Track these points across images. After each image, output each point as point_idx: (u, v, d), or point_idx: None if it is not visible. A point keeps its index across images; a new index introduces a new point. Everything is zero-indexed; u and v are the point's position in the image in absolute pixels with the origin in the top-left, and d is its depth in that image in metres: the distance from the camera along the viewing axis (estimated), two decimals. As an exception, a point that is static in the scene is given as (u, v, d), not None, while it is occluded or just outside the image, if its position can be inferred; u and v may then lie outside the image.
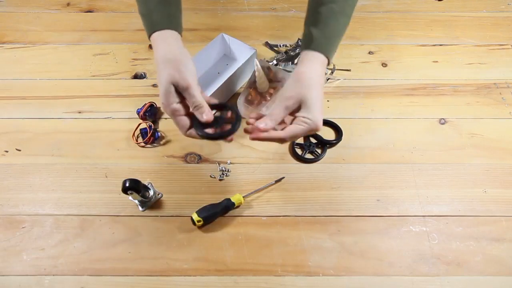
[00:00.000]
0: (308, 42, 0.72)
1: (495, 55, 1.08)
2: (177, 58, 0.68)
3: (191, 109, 0.69)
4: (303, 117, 0.68)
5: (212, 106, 0.70)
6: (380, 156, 0.91)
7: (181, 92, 0.68)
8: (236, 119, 0.69)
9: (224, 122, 0.70)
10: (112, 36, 1.13)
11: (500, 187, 0.86)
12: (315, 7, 0.74)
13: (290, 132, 0.68)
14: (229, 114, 0.71)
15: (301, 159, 0.89)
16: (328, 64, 0.73)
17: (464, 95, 1.00)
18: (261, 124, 0.68)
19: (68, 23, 1.16)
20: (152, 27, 0.70)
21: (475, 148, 0.91)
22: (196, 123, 0.69)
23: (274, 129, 0.70)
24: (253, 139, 0.69)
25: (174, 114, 0.69)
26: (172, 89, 0.67)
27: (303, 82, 0.69)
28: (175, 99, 0.68)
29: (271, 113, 0.69)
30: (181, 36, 0.72)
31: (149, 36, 0.71)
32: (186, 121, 0.69)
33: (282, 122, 0.71)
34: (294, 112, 0.70)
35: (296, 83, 0.69)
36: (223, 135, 0.68)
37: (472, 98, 1.00)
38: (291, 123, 0.70)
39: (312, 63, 0.71)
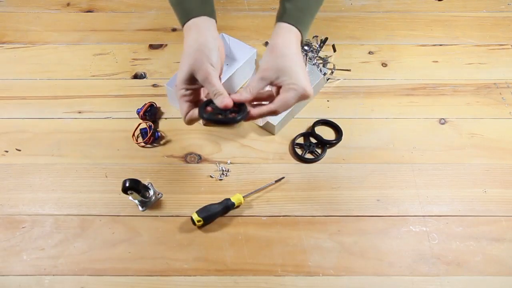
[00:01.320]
0: (280, 15, 0.72)
1: (495, 55, 1.08)
2: (201, 48, 0.67)
3: (212, 97, 0.67)
4: (287, 84, 0.67)
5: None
6: (380, 156, 0.91)
7: (200, 81, 0.68)
8: (242, 109, 0.68)
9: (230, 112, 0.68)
10: (112, 36, 1.13)
11: (500, 187, 0.86)
12: None
13: (280, 101, 0.67)
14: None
15: (301, 159, 0.89)
16: (302, 41, 0.72)
17: (464, 95, 1.00)
18: (235, 96, 0.67)
19: (68, 23, 1.16)
20: (186, 15, 0.70)
21: (475, 148, 0.91)
22: (201, 109, 0.68)
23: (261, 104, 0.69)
24: (246, 119, 0.68)
25: (181, 98, 0.69)
26: (188, 76, 0.67)
27: (277, 52, 0.68)
28: (186, 85, 0.68)
29: (247, 85, 0.68)
30: (216, 20, 0.71)
31: (183, 25, 0.70)
32: (187, 106, 0.69)
33: (261, 99, 0.70)
34: (272, 83, 0.68)
35: (270, 54, 0.68)
36: (227, 121, 0.67)
37: (472, 98, 1.00)
38: (278, 93, 0.69)
39: (285, 35, 0.70)
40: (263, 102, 0.71)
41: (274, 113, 0.69)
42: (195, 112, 0.69)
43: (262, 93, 0.70)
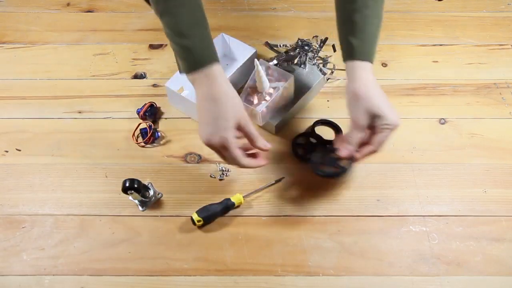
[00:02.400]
0: (349, 52, 0.76)
1: (495, 55, 1.08)
2: (234, 94, 0.72)
3: (251, 142, 0.74)
4: (382, 125, 0.73)
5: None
6: (380, 156, 0.90)
7: (241, 128, 0.72)
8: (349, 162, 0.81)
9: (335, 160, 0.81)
10: (112, 36, 1.13)
11: (500, 187, 0.86)
12: (348, 15, 0.76)
13: (378, 142, 0.75)
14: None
15: (302, 159, 0.88)
16: (372, 65, 0.77)
17: (464, 95, 1.00)
18: (343, 152, 0.76)
19: (68, 23, 1.16)
20: (198, 63, 0.71)
21: (475, 148, 0.91)
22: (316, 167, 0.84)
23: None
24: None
25: (233, 146, 0.71)
26: (234, 123, 0.70)
27: (364, 98, 0.73)
28: (234, 133, 0.71)
29: (349, 137, 0.75)
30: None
31: (191, 71, 0.71)
32: (241, 152, 0.72)
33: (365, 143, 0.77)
34: (368, 127, 0.75)
35: (358, 101, 0.73)
36: (336, 174, 0.82)
37: (472, 98, 1.00)
38: (373, 133, 0.75)
39: (362, 74, 0.74)
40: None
41: (374, 152, 0.76)
42: (249, 162, 0.74)
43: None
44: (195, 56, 0.71)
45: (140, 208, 0.84)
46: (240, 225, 0.82)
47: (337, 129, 0.93)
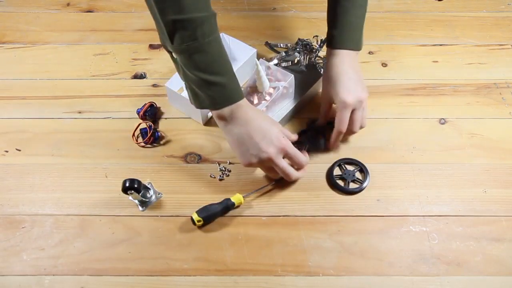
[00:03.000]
0: (329, 41, 0.85)
1: (495, 55, 1.08)
2: (271, 120, 0.79)
3: (293, 160, 0.81)
4: (335, 104, 0.83)
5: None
6: (380, 156, 0.91)
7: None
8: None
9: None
10: (112, 36, 1.13)
11: (500, 187, 0.86)
12: (333, 7, 0.84)
13: (336, 122, 0.83)
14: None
15: (345, 191, 0.86)
16: (359, 50, 0.85)
17: (464, 95, 1.00)
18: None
19: (68, 23, 1.16)
20: (233, 97, 0.74)
21: (475, 148, 0.91)
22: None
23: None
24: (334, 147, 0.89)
25: (295, 150, 0.79)
26: (282, 133, 0.78)
27: (329, 81, 0.83)
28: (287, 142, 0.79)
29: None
30: None
31: (221, 107, 0.74)
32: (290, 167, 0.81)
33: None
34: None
35: (324, 87, 0.86)
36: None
37: (472, 98, 1.00)
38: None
39: (336, 61, 0.82)
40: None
41: (339, 133, 0.84)
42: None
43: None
44: (228, 93, 0.74)
45: (140, 208, 0.84)
46: (240, 225, 0.82)
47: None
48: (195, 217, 0.79)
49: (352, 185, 0.86)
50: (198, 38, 0.69)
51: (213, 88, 0.73)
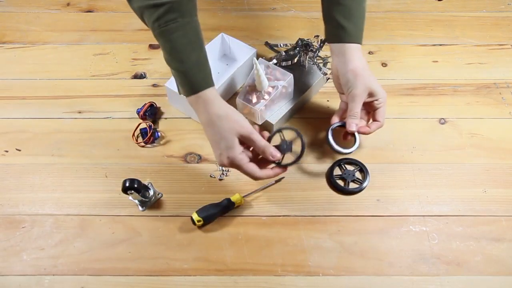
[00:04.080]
0: (340, 35, 0.81)
1: (495, 55, 1.08)
2: (229, 112, 0.74)
3: (261, 152, 0.75)
4: (377, 100, 0.82)
5: (269, 139, 0.78)
6: (380, 156, 0.91)
7: (245, 142, 0.74)
8: (299, 136, 0.78)
9: (286, 145, 0.77)
10: (112, 36, 1.13)
11: (500, 187, 0.86)
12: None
13: (382, 116, 0.84)
14: (285, 136, 0.78)
15: (345, 191, 0.86)
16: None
17: (464, 95, 1.00)
18: (353, 127, 0.82)
19: (68, 23, 1.16)
20: (193, 88, 0.74)
21: (475, 148, 0.91)
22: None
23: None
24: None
25: (242, 163, 0.73)
26: (236, 141, 0.73)
27: (362, 75, 0.80)
28: (239, 150, 0.73)
29: (353, 113, 0.82)
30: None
31: (190, 95, 0.74)
32: (254, 166, 0.74)
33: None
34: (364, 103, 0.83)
35: (357, 78, 0.80)
36: (299, 158, 0.77)
37: (472, 98, 1.00)
38: (366, 110, 0.86)
39: (357, 56, 0.81)
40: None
41: (380, 127, 0.84)
42: (266, 172, 0.76)
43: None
44: (190, 82, 0.74)
45: (140, 208, 0.84)
46: (240, 225, 0.82)
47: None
48: (195, 217, 0.79)
49: (352, 185, 0.86)
50: (160, 23, 0.71)
51: (176, 74, 0.75)
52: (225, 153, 0.73)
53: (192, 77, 0.74)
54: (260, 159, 0.77)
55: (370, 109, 0.85)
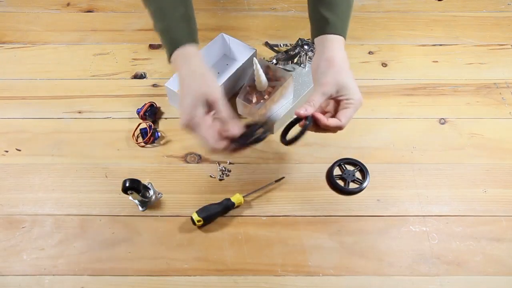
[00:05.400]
0: (323, 26, 0.75)
1: (495, 55, 1.08)
2: (205, 72, 0.70)
3: (220, 124, 0.70)
4: (347, 99, 0.70)
5: (248, 126, 0.72)
6: (380, 156, 0.91)
7: (208, 106, 0.69)
8: (265, 125, 0.72)
9: (254, 135, 0.71)
10: (112, 36, 1.13)
11: (500, 187, 0.86)
12: None
13: (346, 118, 0.70)
14: (260, 130, 0.72)
15: (345, 191, 0.85)
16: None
17: (464, 95, 1.00)
18: (301, 110, 0.69)
19: (68, 23, 1.16)
20: (174, 44, 0.71)
21: (475, 148, 0.91)
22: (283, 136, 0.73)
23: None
24: (316, 125, 0.71)
25: (200, 125, 0.68)
26: (200, 102, 0.68)
27: (335, 67, 0.71)
28: (201, 111, 0.68)
29: (309, 99, 0.70)
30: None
31: (171, 53, 0.72)
32: (213, 133, 0.69)
33: (324, 112, 0.73)
34: (331, 97, 0.71)
35: (329, 69, 0.71)
36: (256, 140, 0.71)
37: (472, 98, 1.00)
38: (335, 109, 0.73)
39: (336, 47, 0.73)
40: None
41: (339, 128, 0.71)
42: (219, 144, 0.69)
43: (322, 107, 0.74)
44: (172, 38, 0.72)
45: (140, 208, 0.84)
46: (240, 225, 0.82)
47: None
48: (195, 217, 0.79)
49: (352, 185, 0.86)
50: None
51: (161, 36, 0.74)
52: (187, 110, 0.67)
53: (175, 33, 0.71)
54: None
55: (338, 108, 0.73)
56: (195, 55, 0.71)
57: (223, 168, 0.89)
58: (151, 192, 0.84)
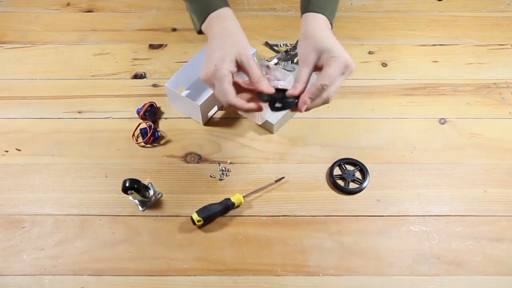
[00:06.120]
0: (305, 7, 0.73)
1: (495, 55, 1.08)
2: (238, 32, 0.69)
3: (254, 82, 0.68)
4: (329, 58, 0.67)
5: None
6: (380, 156, 0.91)
7: (241, 65, 0.67)
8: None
9: (280, 97, 0.68)
10: (112, 36, 1.13)
11: (500, 187, 0.86)
12: None
13: (326, 74, 0.66)
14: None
15: (345, 191, 0.85)
16: (332, 27, 0.73)
17: (464, 95, 1.00)
18: (292, 90, 0.67)
19: (68, 23, 1.16)
20: (207, 8, 0.70)
21: (475, 148, 0.91)
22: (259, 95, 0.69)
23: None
24: (299, 107, 0.68)
25: (224, 78, 0.66)
26: (233, 57, 0.67)
27: (312, 36, 0.69)
28: (228, 65, 0.66)
29: (297, 76, 0.68)
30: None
31: (205, 18, 0.70)
32: (233, 89, 0.67)
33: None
34: (317, 66, 0.69)
35: (307, 40, 0.69)
36: (285, 103, 0.68)
37: (472, 98, 1.00)
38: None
39: (315, 22, 0.71)
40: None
41: (323, 88, 0.66)
42: (237, 101, 0.67)
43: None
44: (205, 2, 0.71)
45: (140, 208, 0.84)
46: (240, 225, 0.82)
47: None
48: (195, 217, 0.79)
49: (352, 185, 0.86)
50: None
51: (192, 5, 0.73)
52: (214, 61, 0.66)
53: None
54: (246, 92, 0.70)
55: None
56: (231, 17, 0.71)
57: (223, 168, 0.89)
58: (151, 192, 0.84)
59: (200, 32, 0.74)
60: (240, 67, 0.68)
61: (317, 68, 0.69)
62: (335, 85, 0.67)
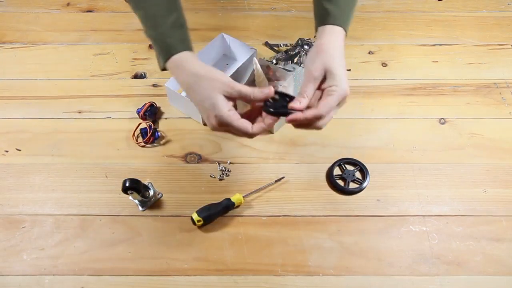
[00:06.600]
0: (323, 18, 0.72)
1: (495, 55, 1.08)
2: (208, 70, 0.68)
3: (251, 99, 0.67)
4: (330, 86, 0.67)
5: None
6: (380, 156, 0.91)
7: (231, 96, 0.67)
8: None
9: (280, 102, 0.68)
10: (112, 36, 1.13)
11: (500, 187, 0.86)
12: None
13: (325, 106, 0.66)
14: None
15: (345, 191, 0.85)
16: (346, 34, 0.73)
17: (464, 95, 1.00)
18: (295, 103, 0.66)
19: (68, 23, 1.16)
20: (168, 51, 0.70)
21: (475, 148, 0.91)
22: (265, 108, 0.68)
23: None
24: (290, 121, 0.67)
25: (232, 119, 0.66)
26: (221, 97, 0.66)
27: (325, 52, 0.69)
28: (223, 107, 0.66)
29: (302, 90, 0.68)
30: None
31: (166, 60, 0.70)
32: (246, 122, 0.67)
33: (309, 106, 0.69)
34: (321, 84, 0.68)
35: (318, 54, 0.69)
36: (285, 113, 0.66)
37: (472, 98, 1.00)
38: (319, 99, 0.68)
39: (331, 36, 0.71)
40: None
41: (319, 118, 0.67)
42: (258, 127, 0.67)
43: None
44: (166, 45, 0.70)
45: (140, 208, 0.84)
46: (240, 225, 0.82)
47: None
48: (195, 217, 0.79)
49: (352, 185, 0.86)
50: None
51: (154, 43, 0.72)
52: (212, 112, 0.66)
53: (168, 40, 0.70)
54: (250, 115, 0.70)
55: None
56: (193, 59, 0.70)
57: (223, 168, 0.89)
58: (151, 192, 0.84)
59: (164, 69, 0.73)
60: (232, 98, 0.68)
61: (319, 87, 0.69)
62: (329, 116, 0.68)
